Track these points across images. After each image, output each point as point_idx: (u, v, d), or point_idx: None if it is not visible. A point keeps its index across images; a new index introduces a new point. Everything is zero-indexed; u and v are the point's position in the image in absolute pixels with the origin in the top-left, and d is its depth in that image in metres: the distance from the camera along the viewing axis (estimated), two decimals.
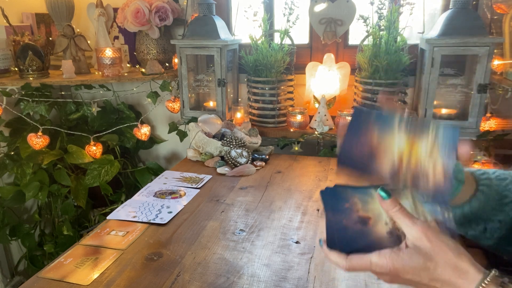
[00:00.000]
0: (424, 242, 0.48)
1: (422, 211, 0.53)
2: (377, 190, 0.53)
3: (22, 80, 1.54)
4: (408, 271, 0.49)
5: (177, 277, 0.79)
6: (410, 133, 0.52)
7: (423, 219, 0.52)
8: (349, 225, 0.55)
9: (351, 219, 0.55)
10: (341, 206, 0.56)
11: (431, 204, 0.53)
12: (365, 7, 1.46)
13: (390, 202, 0.51)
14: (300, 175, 1.30)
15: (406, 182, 0.53)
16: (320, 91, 1.56)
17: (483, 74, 1.30)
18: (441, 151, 0.51)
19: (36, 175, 1.66)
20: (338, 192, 0.56)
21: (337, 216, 0.55)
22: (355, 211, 0.55)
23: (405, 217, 0.51)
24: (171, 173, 1.33)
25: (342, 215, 0.55)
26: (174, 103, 1.67)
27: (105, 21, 1.68)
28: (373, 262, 0.51)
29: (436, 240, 0.48)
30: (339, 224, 0.55)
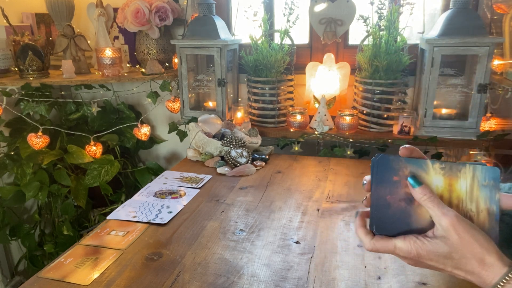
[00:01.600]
0: (452, 234, 0.48)
1: (477, 196, 0.51)
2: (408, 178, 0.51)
3: (22, 80, 1.54)
4: (432, 258, 0.50)
5: (177, 277, 0.79)
6: (446, 174, 0.51)
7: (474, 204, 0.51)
8: (393, 202, 0.51)
9: (397, 195, 0.51)
10: (389, 178, 0.51)
11: (489, 190, 0.50)
12: (365, 7, 1.46)
13: (420, 189, 0.51)
14: (300, 175, 1.30)
15: None
16: (320, 91, 1.56)
17: (483, 74, 1.30)
18: (482, 189, 0.50)
19: (36, 175, 1.66)
20: (389, 161, 0.51)
21: (381, 190, 0.51)
22: (403, 186, 0.51)
23: (435, 206, 0.50)
24: (171, 173, 1.33)
25: (387, 190, 0.51)
26: (174, 103, 1.67)
27: (105, 21, 1.68)
28: (398, 247, 0.51)
29: (465, 233, 0.48)
30: (381, 200, 0.51)
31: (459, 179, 0.51)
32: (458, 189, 0.51)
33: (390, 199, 0.51)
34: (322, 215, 1.03)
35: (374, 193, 0.52)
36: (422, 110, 1.39)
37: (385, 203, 0.51)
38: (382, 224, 0.52)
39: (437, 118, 1.42)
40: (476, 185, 0.51)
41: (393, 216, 0.51)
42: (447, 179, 0.51)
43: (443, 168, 0.51)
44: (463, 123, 1.38)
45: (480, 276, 0.47)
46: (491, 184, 0.50)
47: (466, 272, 0.49)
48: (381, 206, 0.51)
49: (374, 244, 0.52)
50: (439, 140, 1.39)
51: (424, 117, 1.39)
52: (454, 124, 1.39)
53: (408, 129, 1.43)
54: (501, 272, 0.46)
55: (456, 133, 1.39)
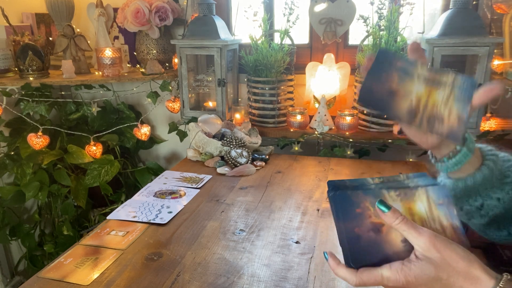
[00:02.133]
0: (433, 252, 0.47)
1: (437, 214, 0.52)
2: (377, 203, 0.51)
3: (22, 80, 1.54)
4: (421, 283, 0.48)
5: (177, 277, 0.79)
6: (428, 82, 0.54)
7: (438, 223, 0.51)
8: (362, 234, 0.51)
9: (364, 226, 0.51)
10: (352, 211, 0.52)
11: (446, 207, 0.52)
12: (365, 7, 1.46)
13: (391, 214, 0.50)
14: (300, 175, 1.30)
15: (422, 122, 0.54)
16: (320, 91, 1.56)
17: (483, 74, 1.30)
18: (456, 100, 0.53)
19: (36, 175, 1.66)
20: (348, 196, 0.52)
21: (348, 224, 0.52)
22: (367, 217, 0.52)
23: (410, 228, 0.49)
24: (171, 173, 1.33)
25: (354, 223, 0.52)
26: (174, 103, 1.67)
27: (105, 21, 1.68)
28: (385, 277, 0.50)
29: (445, 249, 0.47)
30: (351, 234, 0.51)
31: (416, 202, 0.52)
32: (418, 212, 0.52)
33: (359, 231, 0.52)
34: (322, 215, 1.03)
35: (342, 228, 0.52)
36: None
37: (355, 236, 0.52)
38: (357, 256, 0.52)
39: None
40: (433, 205, 0.52)
41: (366, 247, 0.52)
42: (405, 204, 0.52)
43: (399, 195, 0.52)
44: None
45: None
46: (446, 201, 0.52)
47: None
48: (352, 240, 0.52)
49: (360, 277, 0.51)
50: None
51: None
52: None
53: None
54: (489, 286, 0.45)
55: None
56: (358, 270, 0.52)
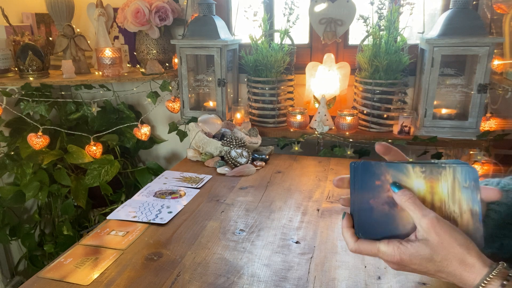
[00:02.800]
0: (432, 235, 0.49)
1: (459, 197, 0.51)
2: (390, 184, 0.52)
3: (22, 80, 1.54)
4: (414, 262, 0.50)
5: (177, 277, 0.79)
6: (427, 177, 0.51)
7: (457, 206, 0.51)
8: (376, 206, 0.52)
9: (380, 199, 0.52)
10: (371, 182, 0.52)
11: (471, 191, 0.51)
12: (365, 7, 1.46)
13: (400, 192, 0.51)
14: (300, 175, 1.30)
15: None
16: (320, 91, 1.57)
17: (483, 74, 1.30)
18: (463, 192, 0.51)
19: (36, 175, 1.66)
20: (370, 167, 0.52)
21: (364, 195, 0.52)
22: (385, 190, 0.52)
23: (416, 208, 0.50)
24: (171, 173, 1.33)
25: (370, 194, 0.52)
26: (174, 103, 1.67)
27: (105, 21, 1.68)
28: (381, 251, 0.51)
29: (444, 234, 0.48)
30: (365, 204, 0.52)
31: (440, 182, 0.51)
32: (439, 192, 0.51)
33: (373, 202, 0.52)
34: (322, 215, 1.03)
35: (357, 197, 0.52)
36: (422, 110, 1.39)
37: (369, 207, 0.52)
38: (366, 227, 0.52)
39: (437, 118, 1.42)
40: (457, 187, 0.51)
41: (377, 220, 0.52)
42: (428, 182, 0.51)
43: (424, 172, 0.51)
44: (463, 123, 1.38)
45: (462, 277, 0.48)
46: (472, 185, 0.51)
47: (448, 274, 0.49)
48: (365, 210, 0.52)
49: (358, 246, 0.53)
50: (439, 140, 1.39)
51: (424, 117, 1.39)
52: (454, 124, 1.39)
53: (408, 129, 1.43)
54: (482, 273, 0.46)
55: (456, 133, 1.39)
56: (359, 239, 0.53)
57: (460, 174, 0.51)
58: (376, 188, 0.52)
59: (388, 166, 0.52)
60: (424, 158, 1.48)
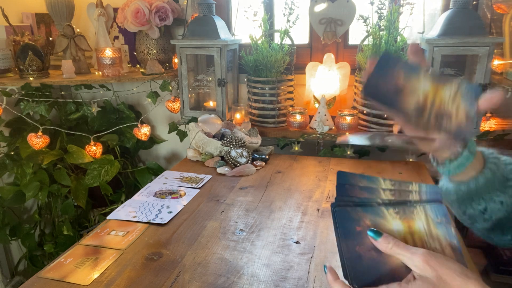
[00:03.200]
0: (428, 271, 0.47)
1: (436, 233, 0.51)
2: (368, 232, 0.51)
3: (22, 80, 1.54)
4: None
5: (177, 277, 0.79)
6: (434, 81, 0.53)
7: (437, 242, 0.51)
8: (363, 253, 0.51)
9: (365, 245, 0.51)
10: (352, 229, 0.51)
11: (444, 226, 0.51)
12: (365, 7, 1.46)
13: (382, 240, 0.50)
14: (300, 175, 1.30)
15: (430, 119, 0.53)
16: (320, 91, 1.56)
17: (483, 74, 1.30)
18: (463, 98, 0.52)
19: (36, 175, 1.66)
20: (348, 213, 0.51)
21: (349, 242, 0.51)
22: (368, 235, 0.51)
23: (402, 250, 0.49)
24: (171, 173, 1.33)
25: (355, 241, 0.51)
26: (174, 103, 1.67)
27: (105, 21, 1.68)
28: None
29: (441, 267, 0.47)
30: (352, 253, 0.51)
31: (415, 220, 0.52)
32: (418, 230, 0.52)
33: (360, 249, 0.51)
34: (322, 215, 1.03)
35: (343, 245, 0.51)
36: None
37: (357, 255, 0.51)
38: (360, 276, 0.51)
39: None
40: (431, 223, 0.52)
41: (367, 267, 0.51)
42: (405, 222, 0.52)
43: (398, 213, 0.52)
44: None
45: None
46: (444, 220, 0.52)
47: None
48: (353, 258, 0.51)
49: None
50: None
51: None
52: None
53: None
54: None
55: None
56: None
57: (430, 211, 0.52)
58: (358, 234, 0.51)
59: (364, 210, 0.52)
60: (423, 158, 1.48)
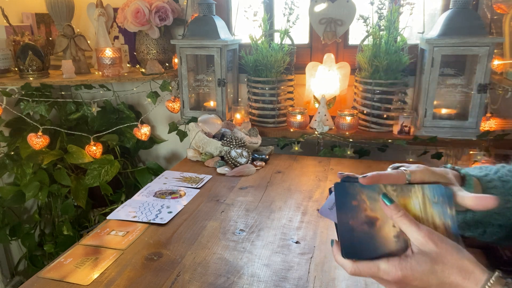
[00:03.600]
0: (430, 246, 0.49)
1: (431, 212, 0.52)
2: (381, 196, 0.52)
3: (22, 80, 1.54)
4: (416, 277, 0.49)
5: (177, 277, 0.79)
6: (399, 195, 0.53)
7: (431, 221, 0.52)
8: (356, 226, 0.53)
9: (358, 219, 0.53)
10: (349, 203, 0.53)
11: (441, 206, 0.52)
12: (365, 7, 1.46)
13: (393, 207, 0.51)
14: (300, 175, 1.30)
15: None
16: (320, 91, 1.56)
17: (483, 74, 1.30)
18: (434, 205, 0.52)
19: (36, 175, 1.66)
20: (345, 187, 0.54)
21: (344, 216, 0.53)
22: (362, 210, 0.53)
23: (409, 223, 0.50)
24: (171, 173, 1.33)
25: (349, 215, 0.53)
26: (174, 103, 1.67)
27: (105, 21, 1.68)
28: (381, 269, 0.51)
29: (441, 242, 0.49)
30: (346, 225, 0.53)
31: (411, 199, 0.53)
32: (413, 208, 0.53)
33: (353, 223, 0.53)
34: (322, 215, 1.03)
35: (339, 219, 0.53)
36: (422, 110, 1.39)
37: (349, 228, 0.53)
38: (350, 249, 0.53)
39: (437, 118, 1.42)
40: (427, 203, 0.53)
41: (359, 240, 0.52)
42: (401, 199, 0.53)
43: (395, 190, 0.53)
44: (463, 123, 1.38)
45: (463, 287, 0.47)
46: (441, 200, 0.53)
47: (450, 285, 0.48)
48: (346, 231, 0.53)
49: (357, 266, 0.52)
50: (439, 140, 1.39)
51: (424, 117, 1.39)
52: (454, 124, 1.39)
53: (408, 129, 1.43)
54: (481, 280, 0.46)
55: (456, 133, 1.39)
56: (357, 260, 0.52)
57: (428, 191, 0.53)
58: (353, 208, 0.53)
59: (361, 186, 0.53)
60: (424, 158, 1.48)
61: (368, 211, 0.53)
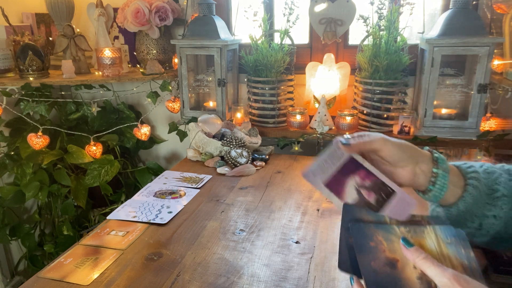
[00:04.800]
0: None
1: (447, 252, 0.51)
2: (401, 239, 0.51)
3: (22, 80, 1.54)
4: None
5: (177, 277, 0.79)
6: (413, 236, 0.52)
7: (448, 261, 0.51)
8: (378, 268, 0.51)
9: (379, 260, 0.51)
10: (367, 244, 0.52)
11: (455, 246, 0.51)
12: (365, 7, 1.46)
13: (414, 250, 0.50)
14: (300, 175, 1.30)
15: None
16: (320, 91, 1.56)
17: (483, 74, 1.30)
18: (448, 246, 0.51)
19: (36, 175, 1.66)
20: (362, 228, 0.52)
21: (365, 258, 0.51)
22: (381, 251, 0.51)
23: (433, 265, 0.48)
24: (171, 173, 1.33)
25: (370, 256, 0.51)
26: (174, 103, 1.67)
27: (105, 21, 1.68)
28: None
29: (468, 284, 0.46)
30: (368, 267, 0.51)
31: (426, 239, 0.52)
32: (429, 249, 0.52)
33: (375, 265, 0.51)
34: (322, 215, 1.03)
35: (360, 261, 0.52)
36: (422, 110, 1.39)
37: (372, 270, 0.51)
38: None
39: (437, 118, 1.42)
40: (442, 243, 0.52)
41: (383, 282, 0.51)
42: (416, 240, 0.52)
43: (409, 231, 0.52)
44: (463, 123, 1.38)
45: None
46: (454, 241, 0.52)
47: None
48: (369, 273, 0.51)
49: None
50: (439, 140, 1.39)
51: (424, 117, 1.39)
52: (454, 124, 1.39)
53: (408, 129, 1.43)
54: None
55: (456, 133, 1.39)
56: None
57: (440, 232, 0.52)
58: (372, 249, 0.52)
59: (375, 227, 0.53)
60: None
61: (387, 252, 0.52)
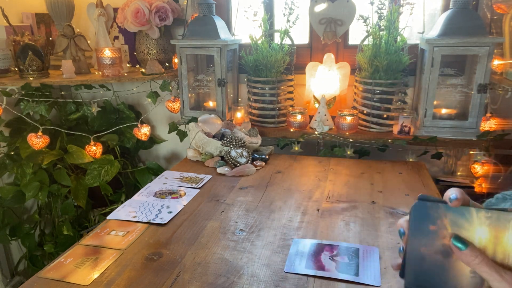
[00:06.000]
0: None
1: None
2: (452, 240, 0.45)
3: (22, 80, 1.54)
4: None
5: (177, 277, 0.79)
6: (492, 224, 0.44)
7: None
8: (428, 255, 0.46)
9: (432, 247, 0.45)
10: (426, 228, 0.46)
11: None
12: (365, 7, 1.46)
13: (469, 252, 0.44)
14: (300, 175, 1.30)
15: None
16: (320, 91, 1.56)
17: (483, 74, 1.30)
18: None
19: (36, 175, 1.66)
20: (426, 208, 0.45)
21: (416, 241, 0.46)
22: (440, 237, 0.45)
23: (490, 270, 0.43)
24: (171, 173, 1.33)
25: (423, 241, 0.46)
26: (174, 103, 1.67)
27: (105, 21, 1.68)
28: None
29: None
30: (415, 252, 0.46)
31: (508, 231, 0.44)
32: (504, 243, 0.44)
33: (425, 251, 0.46)
34: (322, 215, 1.03)
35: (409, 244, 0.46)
36: (422, 110, 1.39)
37: (419, 255, 0.46)
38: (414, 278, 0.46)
39: (437, 118, 1.42)
40: None
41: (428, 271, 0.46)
42: (493, 230, 0.45)
43: (489, 218, 0.45)
44: (463, 123, 1.38)
45: None
46: None
47: None
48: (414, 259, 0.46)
49: None
50: (439, 140, 1.39)
51: (424, 117, 1.39)
52: (454, 124, 1.39)
53: (408, 129, 1.44)
54: None
55: (456, 133, 1.39)
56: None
57: None
58: (430, 234, 0.46)
59: (447, 208, 0.45)
60: (424, 158, 1.48)
61: (447, 239, 0.45)
